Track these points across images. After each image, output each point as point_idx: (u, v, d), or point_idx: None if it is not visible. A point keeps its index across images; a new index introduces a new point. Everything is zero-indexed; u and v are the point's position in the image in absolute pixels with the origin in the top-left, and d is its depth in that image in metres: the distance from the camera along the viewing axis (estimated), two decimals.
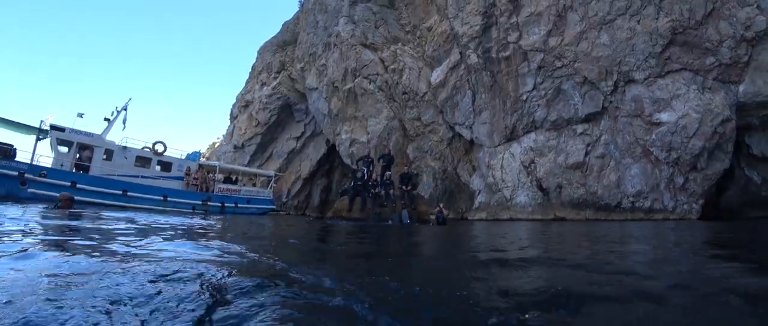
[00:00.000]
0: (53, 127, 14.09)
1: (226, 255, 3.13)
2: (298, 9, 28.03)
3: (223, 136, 53.02)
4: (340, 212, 17.60)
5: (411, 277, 2.73)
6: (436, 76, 18.31)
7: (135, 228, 5.53)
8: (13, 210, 7.05)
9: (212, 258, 2.96)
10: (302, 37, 24.35)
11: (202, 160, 23.74)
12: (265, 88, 25.23)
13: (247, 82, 28.34)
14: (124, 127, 16.83)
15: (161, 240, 4.14)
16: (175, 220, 8.04)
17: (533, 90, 15.71)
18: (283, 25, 28.81)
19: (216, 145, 48.99)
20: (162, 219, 8.00)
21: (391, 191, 15.41)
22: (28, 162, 13.43)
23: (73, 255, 2.67)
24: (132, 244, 3.50)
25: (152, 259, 2.59)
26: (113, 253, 2.88)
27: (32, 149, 13.87)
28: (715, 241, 5.46)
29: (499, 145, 16.36)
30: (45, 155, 14.32)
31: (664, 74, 13.73)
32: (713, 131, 12.46)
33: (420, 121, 18.88)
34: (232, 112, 28.91)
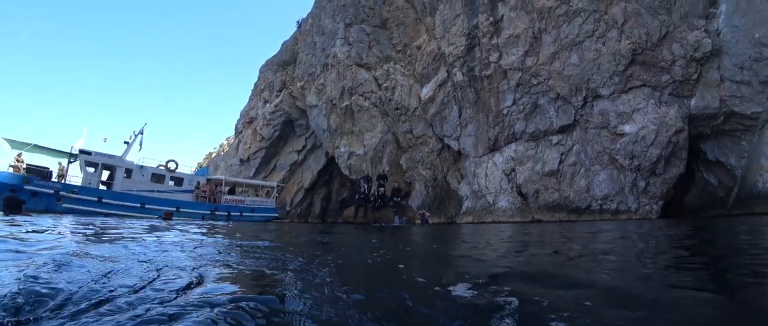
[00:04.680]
0: (82, 151, 15.85)
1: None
2: (296, 29, 29.80)
3: (220, 146, 54.97)
4: (348, 219, 20.12)
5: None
6: (426, 92, 19.98)
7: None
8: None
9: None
10: (301, 57, 26.05)
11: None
12: (267, 105, 26.89)
13: (250, 99, 30.00)
14: (141, 148, 18.55)
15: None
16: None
17: (513, 105, 17.35)
18: (282, 45, 30.53)
19: (212, 156, 51.10)
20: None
21: (389, 203, 17.42)
22: (62, 181, 15.15)
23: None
24: None
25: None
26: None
27: (64, 170, 15.61)
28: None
29: (483, 155, 17.98)
30: (76, 175, 15.95)
31: (626, 90, 15.39)
32: (668, 141, 14.07)
33: (412, 134, 20.52)
34: (236, 127, 30.53)
